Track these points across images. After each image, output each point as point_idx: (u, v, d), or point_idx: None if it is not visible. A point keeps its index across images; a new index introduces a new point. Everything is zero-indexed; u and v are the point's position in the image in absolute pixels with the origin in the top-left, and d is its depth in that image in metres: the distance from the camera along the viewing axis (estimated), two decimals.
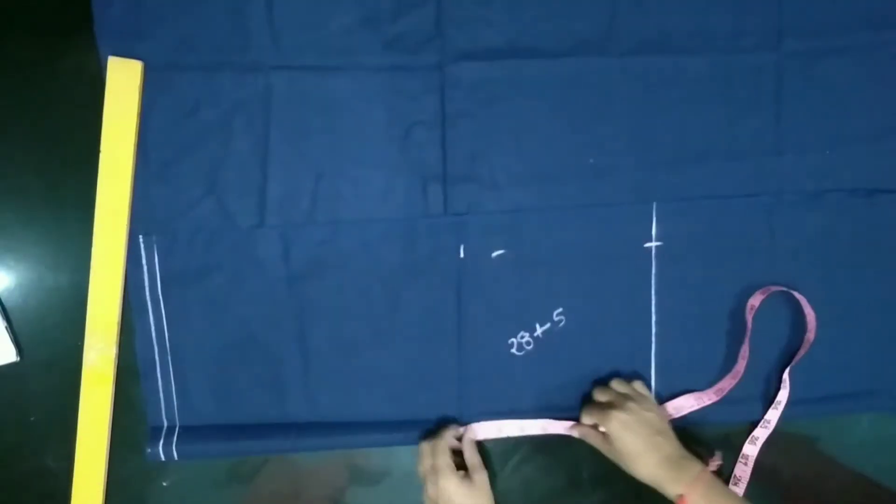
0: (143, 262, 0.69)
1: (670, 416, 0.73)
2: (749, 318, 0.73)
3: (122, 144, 0.67)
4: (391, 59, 0.69)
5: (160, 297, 0.70)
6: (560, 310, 0.73)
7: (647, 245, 0.73)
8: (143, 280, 0.70)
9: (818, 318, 0.74)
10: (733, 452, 0.76)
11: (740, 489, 0.75)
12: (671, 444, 0.66)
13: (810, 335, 0.74)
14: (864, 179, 0.74)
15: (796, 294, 0.73)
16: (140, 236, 0.69)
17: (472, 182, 0.71)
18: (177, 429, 0.72)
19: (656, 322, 0.74)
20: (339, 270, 0.71)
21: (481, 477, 0.68)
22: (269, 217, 0.70)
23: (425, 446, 0.70)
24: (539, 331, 0.74)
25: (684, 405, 0.74)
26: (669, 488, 0.64)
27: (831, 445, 0.79)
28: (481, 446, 0.74)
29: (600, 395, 0.71)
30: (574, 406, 0.74)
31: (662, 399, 0.75)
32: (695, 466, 0.64)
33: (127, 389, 0.71)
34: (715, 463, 0.70)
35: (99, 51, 0.67)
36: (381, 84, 0.70)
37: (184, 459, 0.71)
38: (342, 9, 0.68)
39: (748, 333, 0.73)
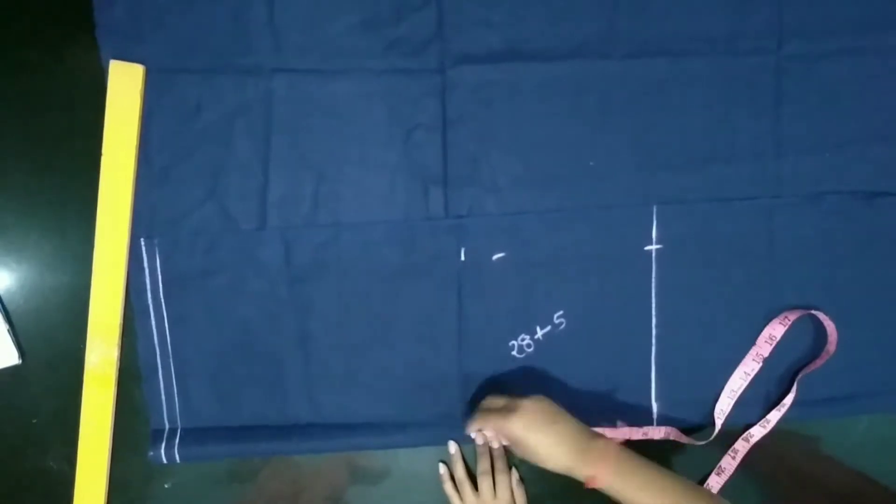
0: (145, 264, 0.70)
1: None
2: (768, 347, 0.74)
3: (123, 148, 0.67)
4: (392, 63, 0.70)
5: (162, 300, 0.70)
6: (560, 312, 0.74)
7: (648, 248, 0.73)
8: (144, 283, 0.70)
9: (817, 321, 0.74)
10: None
11: (721, 480, 0.75)
12: (573, 427, 0.65)
13: (831, 347, 0.74)
14: (863, 182, 0.74)
15: (818, 314, 0.74)
16: (142, 239, 0.69)
17: (473, 185, 0.71)
18: (179, 431, 0.72)
19: (656, 325, 0.74)
20: (340, 273, 0.71)
21: None
22: (270, 219, 0.70)
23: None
24: (539, 333, 0.74)
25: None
26: (580, 472, 0.63)
27: (831, 445, 0.79)
28: None
29: (493, 403, 0.67)
30: (574, 407, 0.74)
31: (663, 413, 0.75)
32: (598, 443, 0.63)
33: (129, 392, 0.72)
34: (621, 425, 0.69)
35: (101, 53, 0.67)
36: (381, 87, 0.70)
37: (186, 462, 0.72)
38: (343, 12, 0.68)
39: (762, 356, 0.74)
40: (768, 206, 0.74)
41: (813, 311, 0.74)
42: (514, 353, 0.74)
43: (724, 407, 0.74)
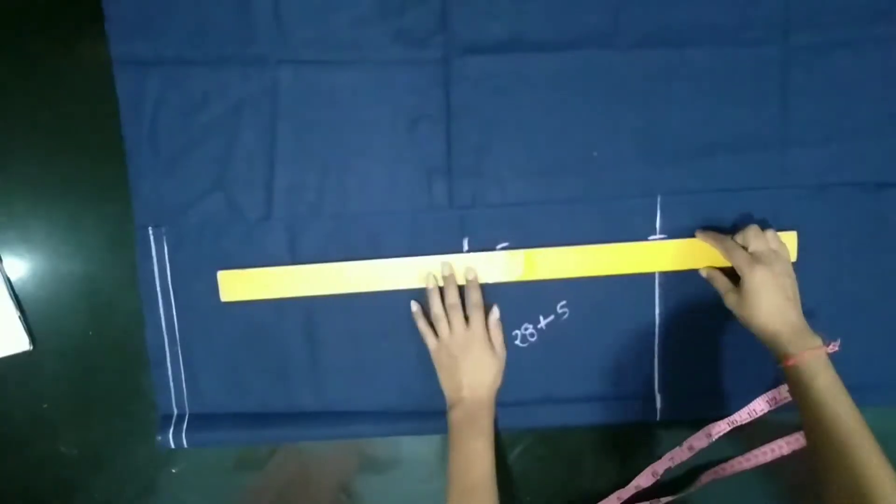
0: (153, 253, 0.71)
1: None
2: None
3: None
4: (397, 53, 0.70)
5: (170, 289, 0.71)
6: (563, 302, 0.74)
7: (651, 238, 0.73)
8: (152, 271, 0.71)
9: (822, 312, 0.74)
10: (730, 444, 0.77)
11: (690, 452, 0.75)
12: (797, 315, 0.66)
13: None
14: (869, 173, 0.74)
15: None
16: (150, 228, 0.70)
17: (477, 175, 0.72)
18: (186, 417, 0.73)
19: (659, 314, 0.74)
20: (345, 262, 0.72)
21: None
22: (275, 209, 0.71)
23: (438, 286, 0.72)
24: (543, 323, 0.74)
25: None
26: (783, 349, 0.64)
27: None
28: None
29: (754, 240, 0.68)
30: (578, 397, 0.75)
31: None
32: (815, 341, 0.64)
33: (137, 378, 0.73)
34: (834, 347, 0.67)
35: (109, 45, 0.68)
36: (386, 78, 0.70)
37: (193, 447, 0.73)
38: (348, 3, 0.69)
39: None
40: (773, 197, 0.74)
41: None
42: (517, 342, 0.74)
43: (718, 430, 0.75)
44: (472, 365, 0.70)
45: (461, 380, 0.70)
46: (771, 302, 0.65)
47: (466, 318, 0.71)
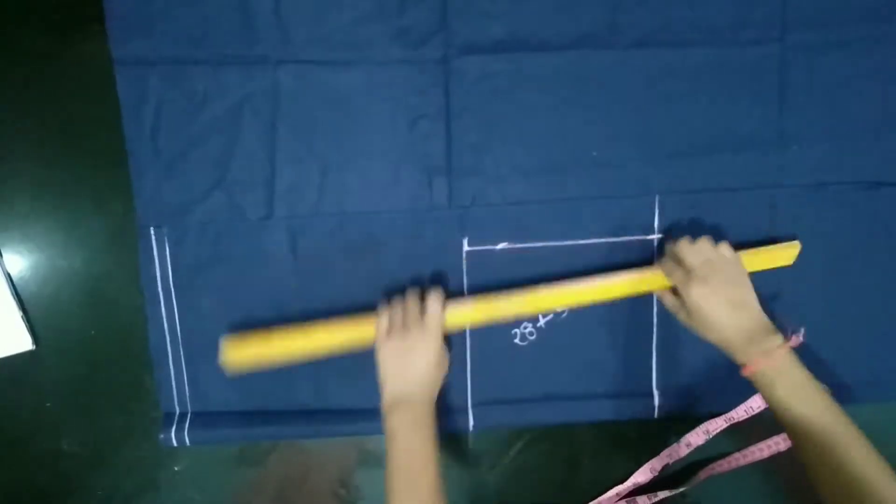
0: (155, 253, 0.71)
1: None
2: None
3: None
4: (397, 53, 0.70)
5: (171, 288, 0.72)
6: None
7: (650, 237, 0.74)
8: (154, 271, 0.71)
9: (820, 311, 0.75)
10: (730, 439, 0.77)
11: (688, 449, 0.76)
12: (750, 317, 0.64)
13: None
14: (866, 172, 0.74)
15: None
16: (151, 228, 0.71)
17: (477, 175, 0.72)
18: (189, 415, 0.74)
19: (657, 314, 0.75)
20: (346, 261, 0.72)
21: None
22: (276, 209, 0.71)
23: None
24: (542, 322, 0.75)
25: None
26: (738, 358, 0.63)
27: None
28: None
29: (687, 255, 0.67)
30: (577, 395, 0.75)
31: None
32: (775, 340, 0.62)
33: (139, 377, 0.73)
34: (796, 339, 0.67)
35: (110, 45, 0.68)
36: (386, 77, 0.70)
37: (195, 444, 0.73)
38: (348, 3, 0.69)
39: None
40: (771, 196, 0.74)
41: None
42: (516, 340, 0.75)
43: (715, 426, 0.76)
44: (424, 358, 0.66)
45: (412, 375, 0.66)
46: (715, 315, 0.64)
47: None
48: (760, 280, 0.71)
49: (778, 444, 0.76)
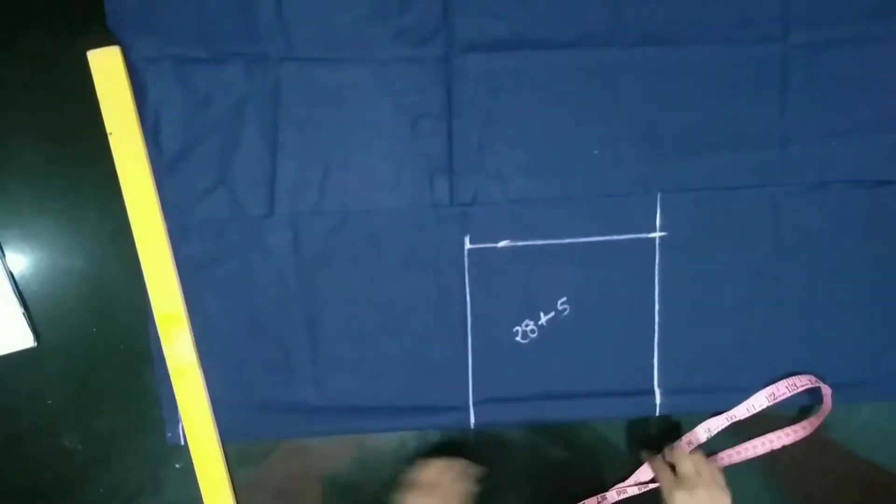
0: None
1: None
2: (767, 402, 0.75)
3: (128, 132, 0.68)
4: (399, 51, 0.70)
5: None
6: (564, 299, 0.74)
7: (651, 235, 0.74)
8: None
9: (820, 310, 0.75)
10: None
11: (689, 447, 0.76)
12: None
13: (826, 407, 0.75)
14: (868, 171, 0.74)
15: (823, 388, 0.74)
16: None
17: (478, 173, 0.72)
18: None
19: (659, 312, 0.75)
20: (347, 259, 0.72)
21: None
22: (278, 207, 0.71)
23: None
24: (543, 319, 0.75)
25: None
26: None
27: (832, 433, 0.80)
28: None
29: (678, 463, 0.71)
30: (578, 392, 0.75)
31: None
32: None
33: (141, 374, 0.73)
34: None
35: (111, 42, 0.68)
36: (388, 76, 0.70)
37: None
38: (350, 1, 0.69)
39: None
40: (772, 195, 0.74)
41: (820, 386, 0.75)
42: (518, 338, 0.75)
43: (716, 425, 0.76)
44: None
45: None
46: None
47: None
48: (763, 278, 0.71)
49: (781, 437, 0.76)
